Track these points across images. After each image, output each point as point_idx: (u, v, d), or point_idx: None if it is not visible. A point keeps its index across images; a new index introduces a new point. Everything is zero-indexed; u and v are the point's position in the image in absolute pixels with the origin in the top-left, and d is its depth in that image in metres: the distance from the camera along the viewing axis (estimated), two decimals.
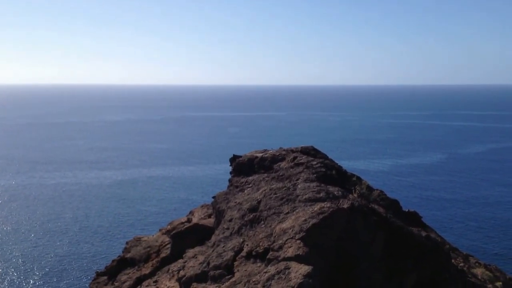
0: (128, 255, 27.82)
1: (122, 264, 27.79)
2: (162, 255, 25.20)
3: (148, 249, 26.92)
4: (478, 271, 22.56)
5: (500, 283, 22.17)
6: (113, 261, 29.08)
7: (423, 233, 20.46)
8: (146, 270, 25.05)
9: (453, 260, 21.50)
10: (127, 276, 25.99)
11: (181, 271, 20.62)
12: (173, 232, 25.92)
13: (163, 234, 27.94)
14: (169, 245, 25.52)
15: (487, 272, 22.66)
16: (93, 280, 28.94)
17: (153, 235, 29.43)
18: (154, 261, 25.20)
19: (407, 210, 23.68)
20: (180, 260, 22.66)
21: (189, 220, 28.24)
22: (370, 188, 23.10)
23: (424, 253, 18.77)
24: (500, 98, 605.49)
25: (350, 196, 19.73)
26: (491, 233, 73.17)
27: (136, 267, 26.33)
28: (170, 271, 22.51)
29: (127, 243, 30.04)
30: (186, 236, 24.84)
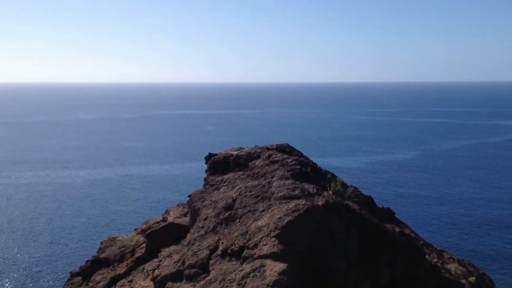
0: (103, 255, 27.48)
1: (96, 264, 27.44)
2: (137, 254, 24.95)
3: (123, 249, 26.64)
4: (452, 266, 22.87)
5: (474, 278, 22.53)
6: (87, 261, 28.70)
7: (397, 229, 20.67)
8: (120, 270, 24.78)
9: (427, 256, 21.77)
10: (102, 276, 25.67)
11: (156, 271, 20.45)
12: (148, 231, 25.69)
13: (138, 233, 27.67)
14: (144, 245, 25.29)
15: (460, 267, 23.00)
16: (67, 281, 28.53)
17: (128, 235, 29.14)
18: (128, 261, 24.94)
19: (381, 207, 23.90)
20: (155, 260, 22.47)
21: (164, 219, 28.02)
22: (344, 185, 23.23)
23: (399, 249, 18.96)
24: (479, 96, 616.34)
25: (325, 193, 19.79)
26: (465, 229, 74.32)
27: (111, 267, 26.03)
28: (145, 270, 22.31)
29: (101, 243, 29.67)
30: (161, 235, 24.63)
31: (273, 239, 16.66)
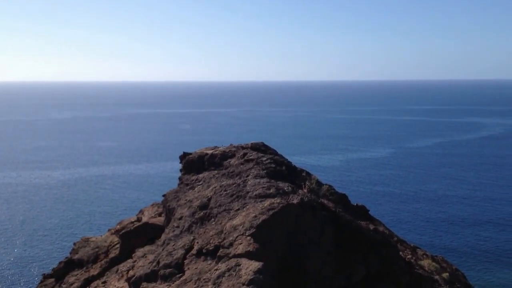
0: (76, 256, 27.12)
1: (69, 265, 27.07)
2: (111, 255, 24.68)
3: (97, 249, 26.32)
4: (425, 262, 23.15)
5: (447, 274, 22.84)
6: (60, 263, 28.30)
7: (371, 226, 20.84)
8: (94, 271, 24.48)
9: (401, 253, 22.01)
10: (75, 277, 25.33)
11: (130, 271, 20.24)
12: (122, 231, 25.43)
13: (112, 234, 27.37)
14: (118, 245, 25.02)
15: (434, 264, 23.30)
16: (39, 283, 28.09)
17: (101, 236, 28.80)
18: (102, 262, 24.66)
19: (355, 204, 24.07)
20: (130, 260, 22.26)
21: (138, 219, 27.77)
22: (319, 183, 23.33)
23: (373, 246, 19.12)
24: (459, 94, 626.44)
25: (300, 191, 19.84)
26: (439, 226, 75.39)
27: (84, 268, 25.70)
28: (119, 271, 22.06)
29: (74, 244, 29.29)
30: (136, 236, 24.41)
31: (249, 238, 16.63)
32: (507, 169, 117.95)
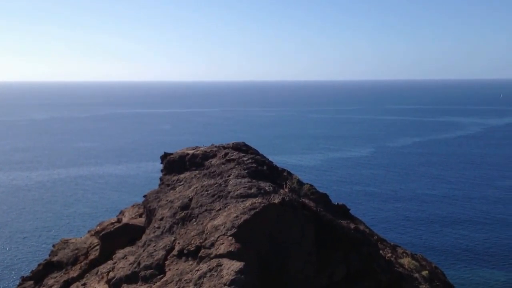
0: (55, 259, 26.79)
1: (49, 267, 26.72)
2: (91, 257, 24.42)
3: (76, 251, 26.03)
4: (405, 261, 23.36)
5: (426, 272, 23.07)
6: (39, 265, 27.93)
7: (352, 226, 20.96)
8: (74, 273, 24.20)
9: (381, 251, 22.17)
10: (54, 280, 25.02)
11: (110, 273, 20.06)
12: (102, 233, 25.18)
13: (91, 235, 27.09)
14: (98, 247, 24.77)
15: (413, 262, 23.51)
16: (18, 286, 27.71)
17: (81, 237, 28.49)
18: (82, 264, 24.39)
19: (336, 203, 24.20)
20: (110, 262, 22.04)
21: (119, 220, 27.53)
22: (300, 183, 23.39)
23: (353, 245, 19.23)
24: (440, 93, 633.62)
25: (281, 191, 19.88)
26: (418, 225, 76.07)
27: (64, 270, 25.40)
28: (99, 273, 21.83)
29: (54, 246, 28.93)
30: (116, 237, 24.18)
31: (230, 238, 16.60)
32: (485, 168, 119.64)
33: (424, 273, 22.69)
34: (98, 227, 27.59)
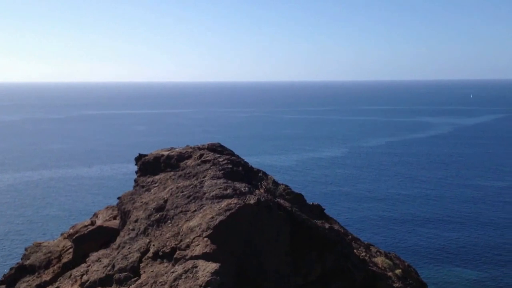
0: (27, 262, 26.34)
1: (21, 271, 26.25)
2: (64, 260, 24.08)
3: (49, 254, 25.63)
4: (379, 260, 23.64)
5: (400, 270, 23.39)
6: (11, 269, 27.40)
7: (327, 225, 21.14)
8: (46, 276, 23.84)
9: (355, 250, 22.41)
10: (27, 283, 24.60)
11: (84, 276, 19.83)
12: (76, 236, 24.84)
13: (64, 238, 26.71)
14: (71, 250, 24.44)
15: (387, 260, 23.81)
16: None
17: (54, 240, 28.08)
18: (55, 267, 24.03)
19: (311, 203, 24.37)
20: (83, 265, 21.78)
21: (92, 223, 27.21)
22: (276, 183, 23.50)
23: (328, 244, 19.40)
24: (414, 94, 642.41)
25: (257, 191, 19.94)
26: (391, 225, 77.00)
27: (36, 274, 24.98)
28: (72, 276, 21.56)
29: (26, 249, 28.44)
30: (90, 240, 23.89)
31: (206, 239, 16.58)
32: (455, 168, 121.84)
33: (398, 271, 23.00)
34: (71, 230, 27.22)
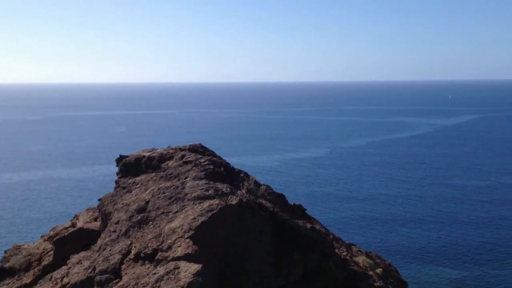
0: (7, 265, 26.00)
1: (1, 274, 25.91)
2: (44, 262, 23.84)
3: (29, 257, 25.35)
4: (360, 259, 23.84)
5: (381, 269, 23.61)
6: None
7: (308, 225, 21.26)
8: (27, 279, 23.57)
9: (336, 250, 22.57)
10: (7, 286, 24.31)
11: (65, 278, 19.67)
12: (56, 238, 24.61)
13: (45, 241, 26.44)
14: (51, 252, 24.21)
15: (368, 260, 24.03)
16: None
17: (34, 243, 27.77)
18: (35, 270, 23.77)
19: (292, 204, 24.49)
20: (64, 267, 21.59)
21: (73, 225, 26.98)
22: (257, 184, 23.57)
23: (310, 244, 19.52)
24: (395, 94, 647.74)
25: (239, 192, 19.98)
26: (372, 224, 77.57)
27: (16, 276, 24.69)
28: (53, 279, 21.36)
29: (5, 252, 28.08)
30: (70, 242, 23.68)
31: (187, 240, 16.56)
32: (435, 167, 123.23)
33: (379, 270, 23.22)
34: (52, 232, 26.96)
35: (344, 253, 23.27)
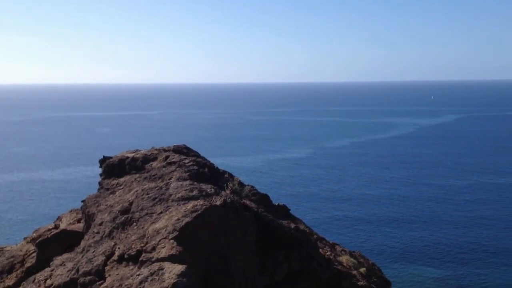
0: None
1: None
2: (27, 264, 23.64)
3: (12, 259, 25.11)
4: (344, 258, 24.02)
5: (364, 268, 23.81)
6: None
7: (292, 225, 21.38)
8: (10, 281, 23.36)
9: (320, 250, 22.71)
10: None
11: (48, 280, 19.52)
12: (39, 239, 24.41)
13: (28, 242, 26.21)
14: (34, 254, 24.01)
15: (351, 259, 24.21)
16: None
17: (16, 245, 27.52)
18: (18, 272, 23.56)
19: (277, 204, 24.59)
20: (47, 269, 21.42)
21: (56, 227, 26.79)
22: (242, 184, 23.62)
23: (294, 244, 19.63)
24: (380, 95, 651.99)
25: (223, 192, 20.01)
26: (356, 225, 77.96)
27: None
28: (36, 281, 21.18)
29: None
30: (53, 243, 23.50)
31: (172, 241, 16.55)
32: (418, 167, 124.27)
33: (362, 270, 23.41)
34: (35, 234, 26.74)
35: (328, 253, 23.42)
